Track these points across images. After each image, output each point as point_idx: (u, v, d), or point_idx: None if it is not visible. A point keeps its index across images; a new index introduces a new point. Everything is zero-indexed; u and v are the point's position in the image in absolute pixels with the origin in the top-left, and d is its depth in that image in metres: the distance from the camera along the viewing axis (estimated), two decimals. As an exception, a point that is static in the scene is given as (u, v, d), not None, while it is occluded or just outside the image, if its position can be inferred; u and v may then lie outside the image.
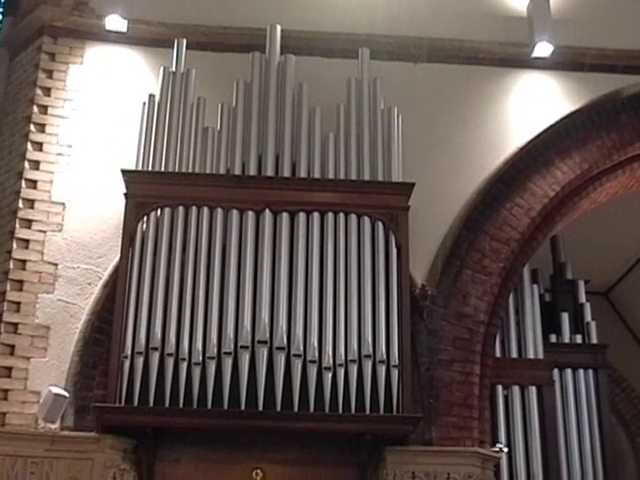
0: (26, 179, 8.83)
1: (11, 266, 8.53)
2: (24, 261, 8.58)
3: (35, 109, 9.08)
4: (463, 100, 9.66)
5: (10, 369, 8.23)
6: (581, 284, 11.43)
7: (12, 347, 8.30)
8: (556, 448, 10.28)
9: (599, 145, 9.68)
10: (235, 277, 8.28)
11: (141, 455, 8.19)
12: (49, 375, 8.26)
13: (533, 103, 9.77)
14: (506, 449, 9.51)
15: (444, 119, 9.56)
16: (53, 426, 8.05)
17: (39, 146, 8.98)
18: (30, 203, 8.77)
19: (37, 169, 8.90)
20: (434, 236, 9.12)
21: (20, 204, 8.73)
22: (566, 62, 9.88)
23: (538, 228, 9.49)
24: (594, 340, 11.08)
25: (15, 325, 8.37)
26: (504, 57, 9.86)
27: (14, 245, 8.59)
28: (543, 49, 9.59)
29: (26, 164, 8.88)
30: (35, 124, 9.03)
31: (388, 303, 8.34)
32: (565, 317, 11.00)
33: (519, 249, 9.31)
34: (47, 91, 9.18)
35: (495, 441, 9.32)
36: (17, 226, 8.67)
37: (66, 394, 8.08)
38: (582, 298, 11.35)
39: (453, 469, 8.28)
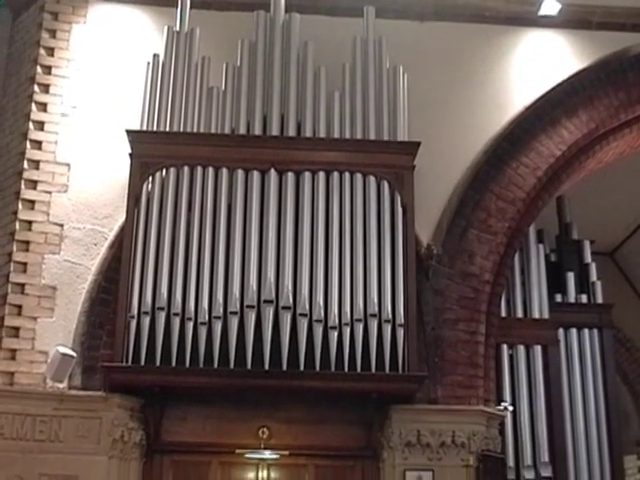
0: (31, 140, 8.82)
1: (17, 227, 8.55)
2: (30, 222, 8.59)
3: (39, 69, 9.05)
4: (469, 59, 9.61)
5: (18, 329, 8.28)
6: (587, 244, 11.39)
7: (19, 307, 8.34)
8: (560, 407, 10.30)
9: (606, 104, 9.63)
10: (241, 237, 8.29)
11: (148, 414, 8.26)
12: (56, 335, 8.31)
13: (540, 62, 9.71)
14: (511, 408, 9.53)
15: (450, 78, 9.51)
16: (61, 385, 8.12)
17: (43, 107, 8.96)
18: (35, 164, 8.77)
19: (42, 130, 8.88)
20: (440, 195, 9.11)
21: (25, 165, 8.73)
22: (573, 20, 9.81)
23: (544, 188, 9.47)
24: (599, 300, 11.05)
25: (22, 286, 8.40)
26: (510, 15, 9.78)
27: (20, 206, 8.61)
28: (550, 7, 9.53)
29: (30, 125, 8.86)
30: (39, 84, 9.00)
31: (394, 262, 8.35)
32: (570, 277, 10.98)
33: (525, 209, 9.30)
34: (50, 51, 9.15)
35: (500, 400, 9.36)
36: (22, 187, 8.67)
37: (73, 354, 8.12)
38: (587, 258, 11.31)
39: (458, 427, 8.35)
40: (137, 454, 8.21)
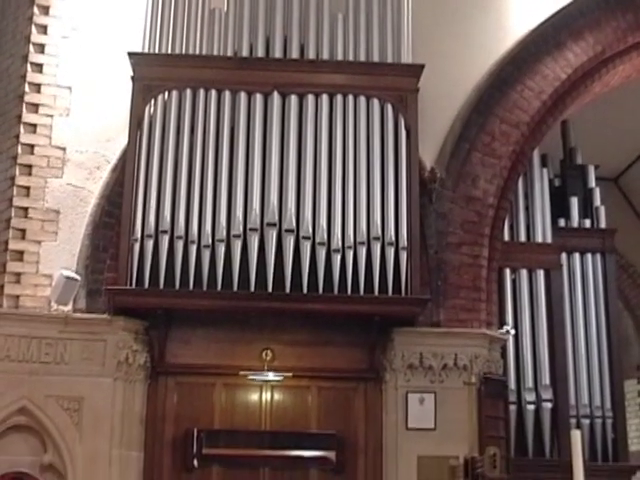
0: (31, 63, 8.73)
1: (19, 151, 8.51)
2: (32, 146, 8.55)
3: (38, -10, 8.94)
4: (474, -20, 9.48)
5: (22, 253, 8.30)
6: (591, 169, 11.36)
7: (23, 231, 8.35)
8: (562, 331, 10.37)
9: (613, 26, 9.51)
10: (244, 160, 8.27)
11: (152, 336, 8.31)
12: (60, 258, 8.33)
13: (546, -17, 9.58)
14: (513, 331, 9.60)
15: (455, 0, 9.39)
16: (66, 308, 8.17)
17: (43, 29, 8.85)
18: (36, 87, 8.70)
19: (42, 52, 8.79)
20: (443, 119, 9.06)
21: (26, 88, 8.66)
22: (580, -60, 9.64)
23: (549, 111, 9.41)
24: (602, 225, 11.05)
25: (25, 209, 8.40)
26: None
27: (21, 130, 8.56)
28: None
29: (31, 47, 8.76)
30: (39, 6, 8.87)
31: (397, 186, 8.34)
32: (574, 202, 10.97)
33: (529, 132, 9.25)
34: (50, -28, 9.03)
35: (502, 323, 9.41)
36: (24, 110, 8.61)
37: (77, 277, 8.17)
38: (592, 183, 11.28)
39: (460, 350, 8.41)
40: (142, 376, 8.28)
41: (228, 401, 8.40)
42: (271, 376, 8.34)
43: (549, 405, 9.94)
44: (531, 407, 9.91)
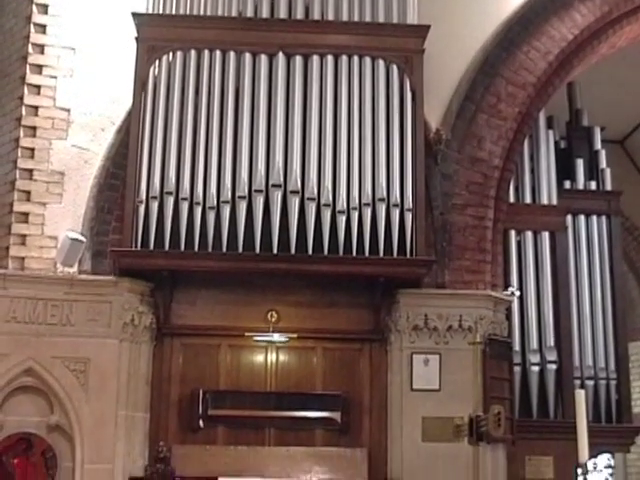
0: (35, 23, 8.69)
1: (23, 112, 8.49)
2: (36, 107, 8.53)
3: (39, -48, 8.87)
4: (481, -61, 9.39)
5: (27, 215, 8.30)
6: (597, 131, 11.31)
7: (28, 193, 8.35)
8: (567, 293, 10.37)
9: (621, -14, 9.44)
10: (249, 121, 8.25)
11: (158, 298, 8.35)
12: (65, 220, 8.34)
13: (553, -59, 9.48)
14: (518, 293, 9.60)
15: (461, -42, 9.33)
16: (71, 270, 8.18)
17: (46, -12, 8.81)
18: (40, 48, 8.66)
19: (45, 13, 8.73)
20: (449, 80, 9.02)
21: (30, 49, 8.62)
22: None
23: (555, 72, 9.36)
24: (608, 187, 11.03)
25: (30, 171, 8.40)
26: None
27: (25, 91, 8.53)
28: None
29: (34, 8, 8.71)
30: (41, -34, 8.84)
31: (402, 147, 8.32)
32: (580, 163, 10.93)
33: (535, 94, 9.21)
34: None
35: (507, 285, 9.41)
36: (28, 72, 8.58)
37: (83, 239, 8.17)
38: (597, 145, 11.24)
39: (465, 312, 8.43)
40: (147, 337, 8.31)
41: (233, 362, 8.44)
42: (276, 337, 8.36)
43: (553, 367, 9.96)
44: (535, 368, 9.94)
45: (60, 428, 7.96)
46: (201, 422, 8.25)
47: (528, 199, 10.41)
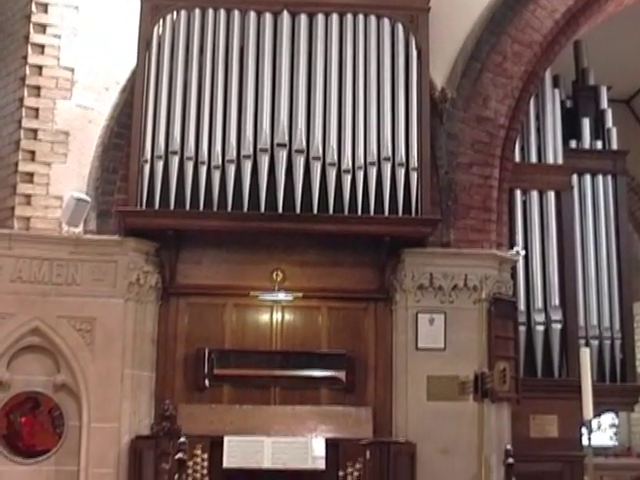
0: (38, -19, 8.65)
1: (27, 72, 8.45)
2: (40, 67, 8.49)
3: None
4: None
5: (32, 175, 8.29)
6: (603, 90, 11.23)
7: (32, 153, 8.33)
8: (572, 253, 10.35)
9: (628, -59, 9.36)
10: (254, 80, 8.23)
11: (163, 257, 8.36)
12: (70, 180, 8.33)
13: None
14: (523, 252, 9.59)
15: None
16: (76, 230, 8.19)
17: (48, -54, 8.75)
18: (43, 7, 8.59)
19: (48, -29, 8.69)
20: (455, 39, 8.95)
21: (33, 8, 8.56)
22: None
23: (561, 31, 9.28)
24: (614, 147, 10.97)
25: (34, 131, 8.37)
26: None
27: (29, 50, 8.48)
28: None
29: (36, -34, 8.67)
30: None
31: (407, 106, 8.30)
32: (586, 123, 10.87)
33: (541, 52, 9.14)
34: None
35: (512, 244, 9.40)
36: (31, 31, 8.53)
37: (88, 199, 8.17)
38: (604, 104, 11.16)
39: (470, 271, 8.44)
40: (153, 297, 8.34)
41: (239, 321, 8.47)
42: (281, 296, 8.39)
43: (558, 326, 9.96)
44: (540, 328, 9.94)
45: (66, 387, 8.02)
46: (207, 381, 8.29)
47: (534, 158, 10.36)
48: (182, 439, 6.69)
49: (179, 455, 6.49)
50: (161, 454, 6.54)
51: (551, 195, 10.27)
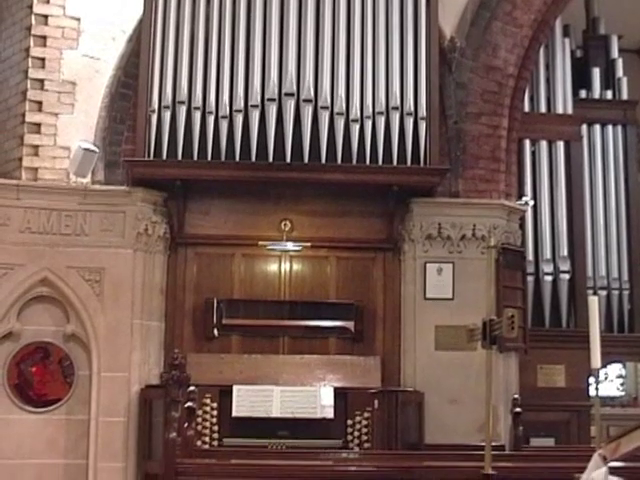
0: None
1: (33, 21, 8.38)
2: (46, 16, 8.41)
3: None
4: None
5: (39, 125, 8.26)
6: (614, 39, 11.15)
7: (39, 103, 8.29)
8: (581, 203, 10.36)
9: None
10: (261, 28, 8.16)
11: (171, 207, 8.35)
12: (78, 131, 8.30)
13: None
14: (532, 202, 9.59)
15: None
16: (84, 180, 8.18)
17: None
18: (48, -45, 8.53)
19: None
20: (463, -13, 8.85)
21: (38, -44, 8.50)
22: None
23: (572, -21, 9.19)
24: (624, 96, 10.93)
25: (41, 81, 8.33)
26: None
27: (34, -1, 8.43)
28: None
29: None
30: None
31: (416, 55, 8.24)
32: (596, 72, 10.81)
33: (552, 1, 9.01)
34: None
35: (521, 194, 9.39)
36: (36, -21, 8.47)
37: (95, 149, 8.14)
38: (614, 54, 11.10)
39: (479, 221, 8.42)
40: (161, 247, 8.35)
41: (247, 271, 8.48)
42: (290, 246, 8.38)
43: (566, 276, 10.00)
44: (549, 278, 9.98)
45: (76, 337, 8.06)
46: (215, 331, 8.32)
47: (543, 108, 10.34)
48: (192, 388, 6.72)
49: (189, 404, 6.52)
50: (170, 402, 6.55)
51: (560, 145, 10.26)
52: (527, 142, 10.13)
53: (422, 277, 8.36)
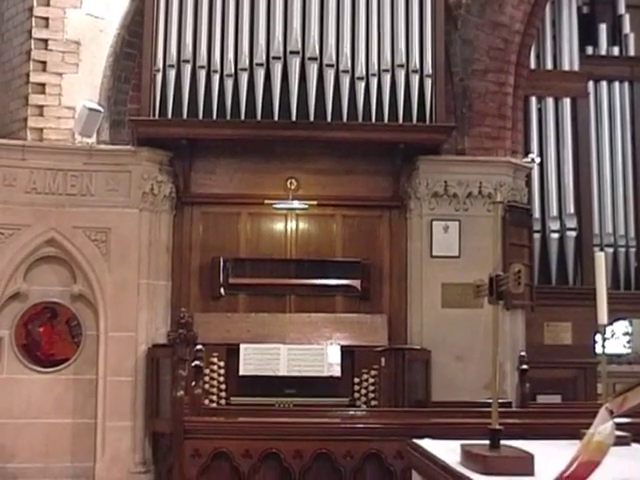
0: None
1: (36, -20, 8.34)
2: (49, -25, 8.38)
3: None
4: None
5: (43, 85, 8.23)
6: (621, -5, 11.08)
7: (44, 63, 8.25)
8: (588, 160, 10.32)
9: None
10: (266, -15, 8.10)
11: (177, 167, 8.35)
12: (82, 90, 8.26)
13: None
14: (538, 160, 9.55)
15: None
16: (90, 140, 8.16)
17: None
18: None
19: None
20: (469, -58, 8.75)
21: None
22: None
23: None
24: (631, 53, 10.84)
25: (45, 41, 8.27)
26: None
27: (37, -45, 8.36)
28: None
29: None
30: None
31: (422, 11, 8.18)
32: (603, 29, 10.73)
33: (559, -47, 8.97)
34: None
35: (527, 152, 9.35)
36: (39, -62, 8.39)
37: (100, 109, 8.11)
38: (621, 9, 10.99)
39: (485, 178, 8.40)
40: (167, 206, 8.35)
41: (253, 230, 8.49)
42: (296, 204, 8.38)
43: (573, 234, 9.99)
44: (555, 235, 9.97)
45: (83, 297, 8.09)
46: (222, 290, 8.35)
47: (549, 65, 10.27)
48: (199, 346, 6.74)
49: (196, 362, 6.53)
50: (178, 361, 6.57)
51: (567, 102, 10.20)
52: (533, 99, 10.08)
53: (428, 235, 8.35)
